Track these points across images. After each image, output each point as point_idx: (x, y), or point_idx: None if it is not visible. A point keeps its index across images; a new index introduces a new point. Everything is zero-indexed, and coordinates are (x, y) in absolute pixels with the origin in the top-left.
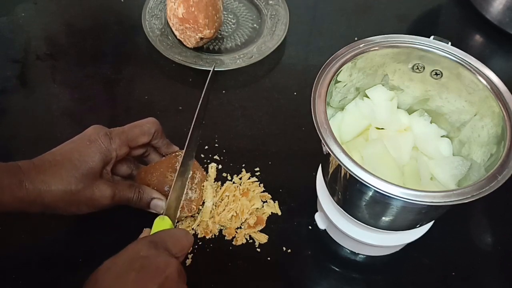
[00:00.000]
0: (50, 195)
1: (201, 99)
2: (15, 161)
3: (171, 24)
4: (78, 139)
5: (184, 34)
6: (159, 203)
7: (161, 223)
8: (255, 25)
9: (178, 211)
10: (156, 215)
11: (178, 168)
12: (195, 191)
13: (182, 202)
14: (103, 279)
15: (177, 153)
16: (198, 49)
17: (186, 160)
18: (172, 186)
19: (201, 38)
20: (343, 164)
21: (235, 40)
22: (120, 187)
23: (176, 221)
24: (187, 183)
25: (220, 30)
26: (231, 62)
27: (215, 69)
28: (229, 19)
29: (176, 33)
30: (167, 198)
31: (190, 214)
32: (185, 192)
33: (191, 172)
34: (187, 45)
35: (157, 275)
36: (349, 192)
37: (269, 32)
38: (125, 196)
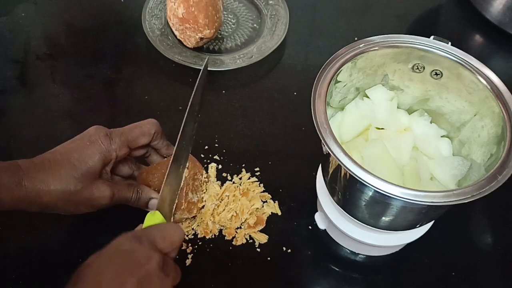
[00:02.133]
0: (49, 194)
1: (194, 90)
2: (15, 160)
3: (171, 24)
4: (78, 139)
5: (184, 34)
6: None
7: (152, 218)
8: (255, 25)
9: (174, 206)
10: None
11: (170, 162)
12: (196, 193)
13: (183, 203)
14: (85, 274)
15: None
16: (198, 49)
17: (180, 154)
18: (164, 180)
19: (201, 38)
20: (343, 164)
21: (235, 40)
22: (119, 187)
23: (172, 217)
24: (183, 179)
25: (220, 30)
26: (231, 62)
27: (215, 69)
28: (229, 19)
29: (176, 33)
30: None
31: (190, 216)
32: (185, 192)
33: (186, 170)
34: (187, 45)
35: (136, 269)
36: (349, 192)
37: (269, 32)
38: (124, 196)
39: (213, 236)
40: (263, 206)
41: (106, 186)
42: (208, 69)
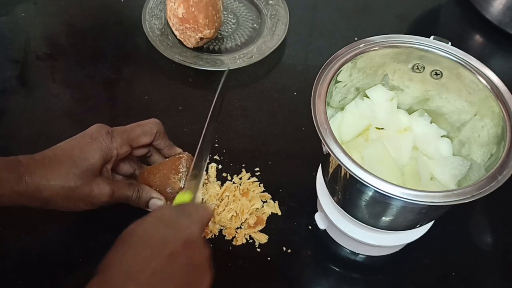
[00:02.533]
0: (49, 190)
1: (216, 96)
2: (16, 156)
3: (171, 24)
4: (80, 136)
5: (184, 34)
6: (158, 202)
7: (183, 197)
8: (255, 25)
9: (199, 191)
10: None
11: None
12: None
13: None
14: (135, 233)
15: (180, 155)
16: (198, 49)
17: (205, 149)
18: (193, 162)
19: (201, 38)
20: (343, 164)
21: (235, 40)
22: (119, 185)
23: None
24: (203, 175)
25: (220, 30)
26: (231, 62)
27: (215, 69)
28: (229, 19)
29: (176, 33)
30: (167, 200)
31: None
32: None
33: (187, 171)
34: (187, 45)
35: (181, 232)
36: (349, 192)
37: (269, 32)
38: (124, 194)
39: (213, 236)
40: (263, 206)
41: (106, 183)
42: (208, 69)
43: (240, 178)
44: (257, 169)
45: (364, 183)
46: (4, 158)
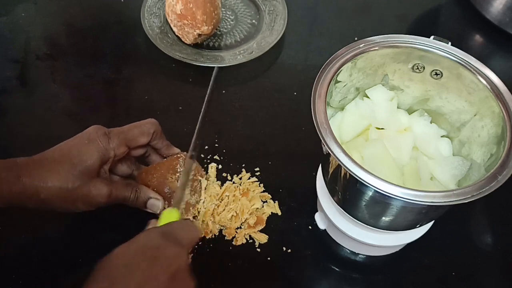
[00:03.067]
0: (47, 190)
1: (206, 97)
2: (13, 158)
3: (169, 21)
4: (78, 137)
5: (182, 30)
6: (156, 202)
7: (169, 215)
8: (253, 21)
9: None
10: (153, 214)
11: (182, 165)
12: (195, 194)
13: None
14: (114, 266)
15: (178, 155)
16: (198, 46)
17: (192, 157)
18: (180, 180)
19: (199, 35)
20: (343, 164)
21: (234, 36)
22: (117, 186)
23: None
24: (189, 181)
25: (219, 27)
26: (231, 58)
27: (216, 65)
28: (227, 15)
29: (175, 29)
30: (165, 200)
31: (188, 217)
32: (185, 193)
33: (193, 172)
34: (185, 42)
35: (169, 266)
36: (349, 192)
37: (268, 28)
38: (122, 194)
39: (213, 236)
40: (263, 206)
41: (104, 184)
42: (209, 65)
43: (240, 178)
44: (257, 169)
45: (364, 183)
46: (2, 160)
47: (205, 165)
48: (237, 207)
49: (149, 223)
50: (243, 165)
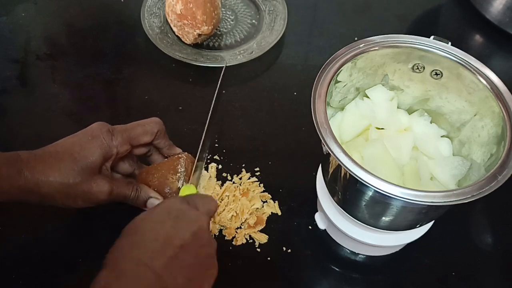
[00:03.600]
0: (48, 185)
1: (214, 99)
2: (16, 151)
3: (169, 20)
4: (81, 133)
5: (182, 30)
6: (156, 202)
7: (188, 189)
8: (253, 21)
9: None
10: None
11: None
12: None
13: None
14: (142, 226)
15: (179, 155)
16: (198, 46)
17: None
18: (197, 156)
19: (199, 35)
20: (343, 164)
21: (234, 36)
22: (118, 184)
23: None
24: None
25: (219, 27)
26: (232, 58)
27: (216, 65)
28: (227, 15)
29: (175, 29)
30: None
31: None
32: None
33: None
34: (185, 41)
35: (191, 224)
36: (349, 192)
37: (268, 28)
38: (123, 193)
39: (213, 236)
40: (263, 206)
41: (105, 181)
42: (209, 65)
43: (240, 178)
44: (257, 169)
45: (364, 183)
46: (4, 153)
47: (205, 165)
48: (237, 207)
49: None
50: (243, 165)
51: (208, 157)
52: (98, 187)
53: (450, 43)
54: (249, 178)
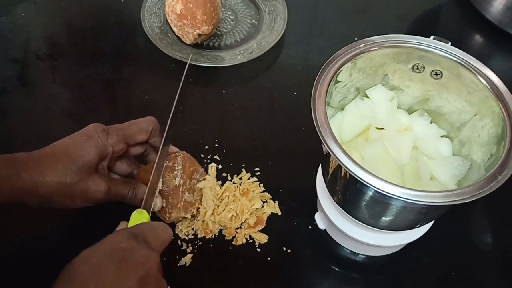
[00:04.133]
0: (46, 185)
1: (176, 98)
2: (13, 153)
3: (169, 20)
4: (77, 134)
5: (182, 30)
6: (123, 225)
7: (139, 217)
8: (253, 21)
9: (152, 205)
10: (129, 215)
11: (156, 160)
12: (193, 192)
13: (179, 202)
14: (81, 269)
15: (176, 154)
16: (198, 46)
17: (164, 154)
18: (150, 180)
19: (199, 35)
20: (343, 164)
21: (234, 36)
22: (115, 183)
23: (167, 217)
24: (161, 177)
25: (219, 27)
26: (232, 58)
27: (216, 65)
28: (227, 15)
29: (174, 29)
30: (163, 198)
31: (187, 215)
32: (181, 191)
33: (183, 170)
34: (185, 42)
35: (138, 268)
36: (349, 192)
37: (268, 28)
38: (120, 191)
39: (213, 236)
40: (263, 206)
41: (103, 180)
42: (210, 65)
43: (240, 178)
44: (257, 169)
45: (364, 183)
46: (1, 155)
47: (205, 165)
48: (237, 207)
49: (120, 224)
50: (243, 165)
51: (208, 157)
52: (96, 186)
53: (450, 43)
54: (249, 178)
